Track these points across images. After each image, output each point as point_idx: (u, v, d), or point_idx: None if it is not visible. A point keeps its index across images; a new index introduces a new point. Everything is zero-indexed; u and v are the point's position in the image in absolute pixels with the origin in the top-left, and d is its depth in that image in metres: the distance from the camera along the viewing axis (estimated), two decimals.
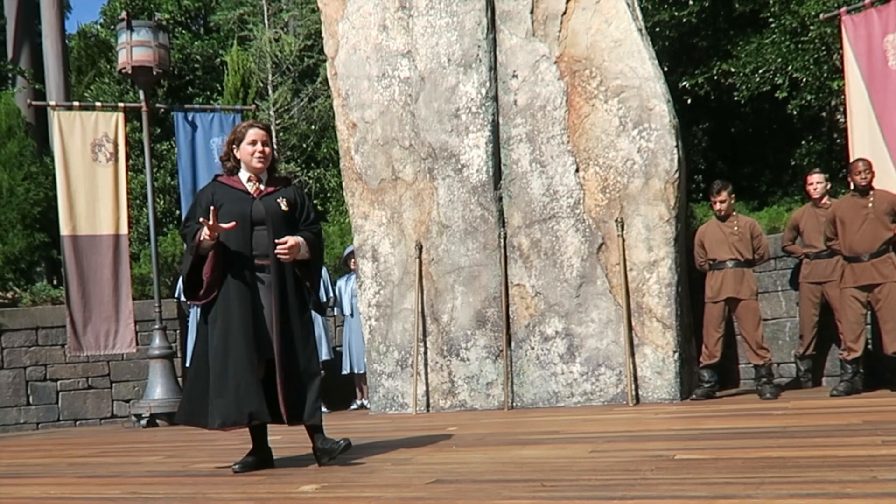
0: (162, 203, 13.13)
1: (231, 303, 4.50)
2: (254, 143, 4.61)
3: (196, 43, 16.31)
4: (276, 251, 4.48)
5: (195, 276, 4.55)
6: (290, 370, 4.50)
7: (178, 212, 11.73)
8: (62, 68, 15.33)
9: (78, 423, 9.72)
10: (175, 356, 9.37)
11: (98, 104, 10.26)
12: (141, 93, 9.69)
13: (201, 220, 4.41)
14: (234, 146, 4.68)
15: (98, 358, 9.66)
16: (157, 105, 11.07)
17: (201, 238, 4.44)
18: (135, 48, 9.31)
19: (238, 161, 4.68)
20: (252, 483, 4.20)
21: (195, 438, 7.12)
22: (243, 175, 4.68)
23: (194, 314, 8.99)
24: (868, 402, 6.40)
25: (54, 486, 4.70)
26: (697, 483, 3.38)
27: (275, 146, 4.82)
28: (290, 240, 4.49)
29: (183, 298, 8.83)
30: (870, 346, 7.54)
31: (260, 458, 4.71)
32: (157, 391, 8.94)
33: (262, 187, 4.66)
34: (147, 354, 9.23)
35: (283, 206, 4.60)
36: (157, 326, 9.21)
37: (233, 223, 4.44)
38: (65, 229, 9.26)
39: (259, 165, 4.64)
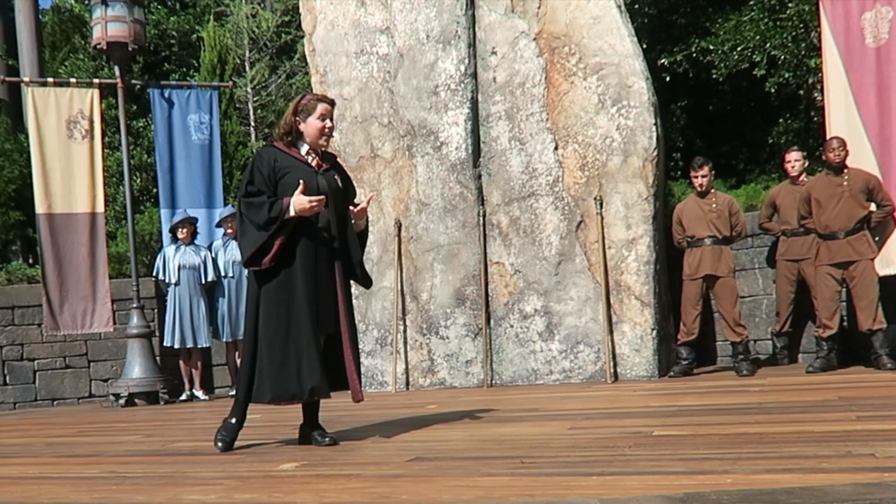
0: (138, 181, 13.00)
1: (294, 274, 4.41)
2: (323, 118, 4.52)
3: (172, 18, 16.13)
4: (360, 207, 4.57)
5: (269, 242, 4.41)
6: (353, 346, 4.54)
7: (154, 190, 11.62)
8: (36, 44, 15.10)
9: (56, 402, 9.66)
10: (153, 335, 9.30)
11: (73, 80, 10.13)
12: (116, 69, 9.56)
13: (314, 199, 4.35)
14: (300, 118, 4.53)
15: (75, 337, 9.58)
16: (133, 81, 10.93)
17: (303, 207, 4.33)
18: (110, 23, 9.18)
19: (300, 133, 4.55)
20: (231, 461, 4.19)
21: (174, 417, 7.11)
22: (302, 147, 4.58)
23: (172, 293, 8.95)
24: (843, 378, 6.47)
25: (32, 465, 4.68)
26: (675, 459, 3.41)
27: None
28: (363, 205, 4.59)
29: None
30: (845, 324, 7.61)
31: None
32: (136, 370, 8.89)
33: (320, 162, 4.60)
34: (125, 334, 9.17)
35: (339, 183, 4.61)
36: (134, 305, 9.15)
37: (320, 199, 4.38)
38: (40, 207, 9.16)
39: (324, 143, 4.59)
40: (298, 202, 4.33)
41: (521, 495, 2.89)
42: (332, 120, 4.56)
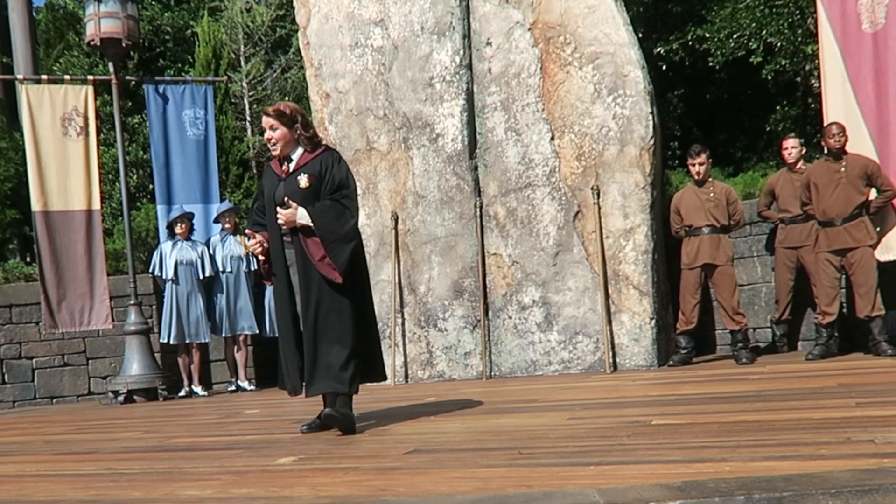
0: (134, 177, 12.95)
1: (276, 282, 4.76)
2: (263, 131, 4.76)
3: (166, 14, 16.04)
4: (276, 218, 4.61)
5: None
6: (311, 343, 4.55)
7: (150, 186, 11.57)
8: (30, 41, 15.05)
9: (54, 400, 9.64)
10: (151, 331, 9.28)
11: (67, 77, 10.10)
12: (110, 65, 9.52)
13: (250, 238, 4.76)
14: None
15: (73, 335, 9.55)
16: (128, 77, 10.89)
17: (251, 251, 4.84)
18: (103, 20, 9.14)
19: None
20: (229, 456, 4.18)
21: (172, 414, 7.10)
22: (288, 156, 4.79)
23: (169, 290, 8.94)
24: (842, 365, 6.46)
25: (30, 463, 4.67)
26: (673, 448, 3.40)
27: (302, 118, 4.75)
28: (286, 211, 4.54)
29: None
30: (844, 310, 7.59)
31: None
32: (134, 367, 8.87)
33: (290, 167, 4.71)
34: (123, 330, 9.15)
35: (303, 184, 4.60)
36: (132, 302, 9.13)
37: (257, 240, 4.70)
38: (36, 205, 9.14)
39: (274, 153, 4.76)
40: None
41: (519, 486, 2.88)
42: (272, 129, 4.69)
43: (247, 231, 4.90)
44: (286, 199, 4.55)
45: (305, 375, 4.58)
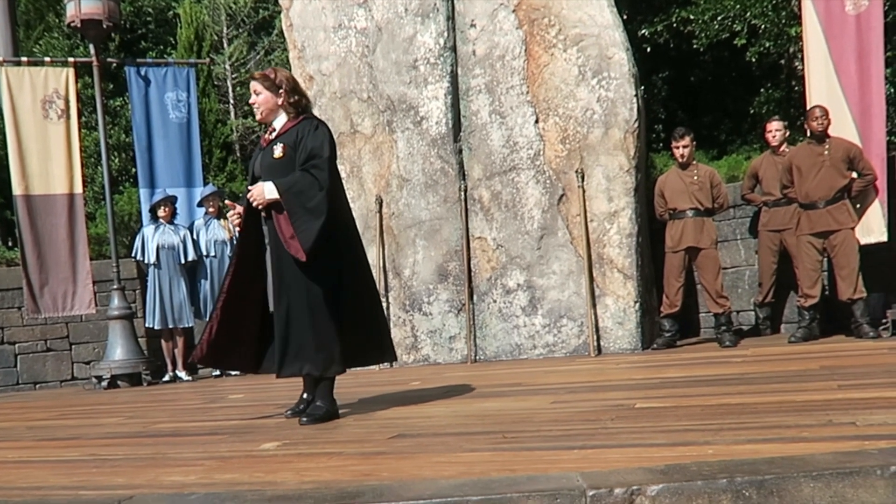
0: (117, 161, 12.89)
1: (241, 256, 4.62)
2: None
3: None
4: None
5: None
6: (282, 324, 4.41)
7: (133, 169, 11.51)
8: (9, 22, 14.85)
9: (38, 386, 9.60)
10: (135, 316, 9.23)
11: (47, 59, 9.99)
12: (91, 47, 9.42)
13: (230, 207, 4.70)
14: None
15: (56, 320, 9.51)
16: (109, 60, 10.78)
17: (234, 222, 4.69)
18: (83, 1, 9.01)
19: None
20: (213, 441, 4.17)
21: (156, 399, 7.08)
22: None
23: (152, 274, 8.89)
24: (825, 347, 6.50)
25: (11, 449, 4.63)
26: (657, 431, 3.40)
27: (289, 83, 4.55)
28: (255, 188, 4.42)
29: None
30: (827, 293, 7.63)
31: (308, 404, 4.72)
32: (118, 352, 8.82)
33: (272, 136, 4.57)
34: (106, 315, 9.09)
35: (276, 154, 4.45)
36: (115, 286, 9.06)
37: (236, 210, 4.63)
38: (17, 189, 9.05)
39: (257, 118, 4.66)
40: None
41: (503, 470, 2.88)
42: (255, 93, 4.57)
43: (227, 202, 4.83)
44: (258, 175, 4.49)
45: (276, 357, 4.42)
